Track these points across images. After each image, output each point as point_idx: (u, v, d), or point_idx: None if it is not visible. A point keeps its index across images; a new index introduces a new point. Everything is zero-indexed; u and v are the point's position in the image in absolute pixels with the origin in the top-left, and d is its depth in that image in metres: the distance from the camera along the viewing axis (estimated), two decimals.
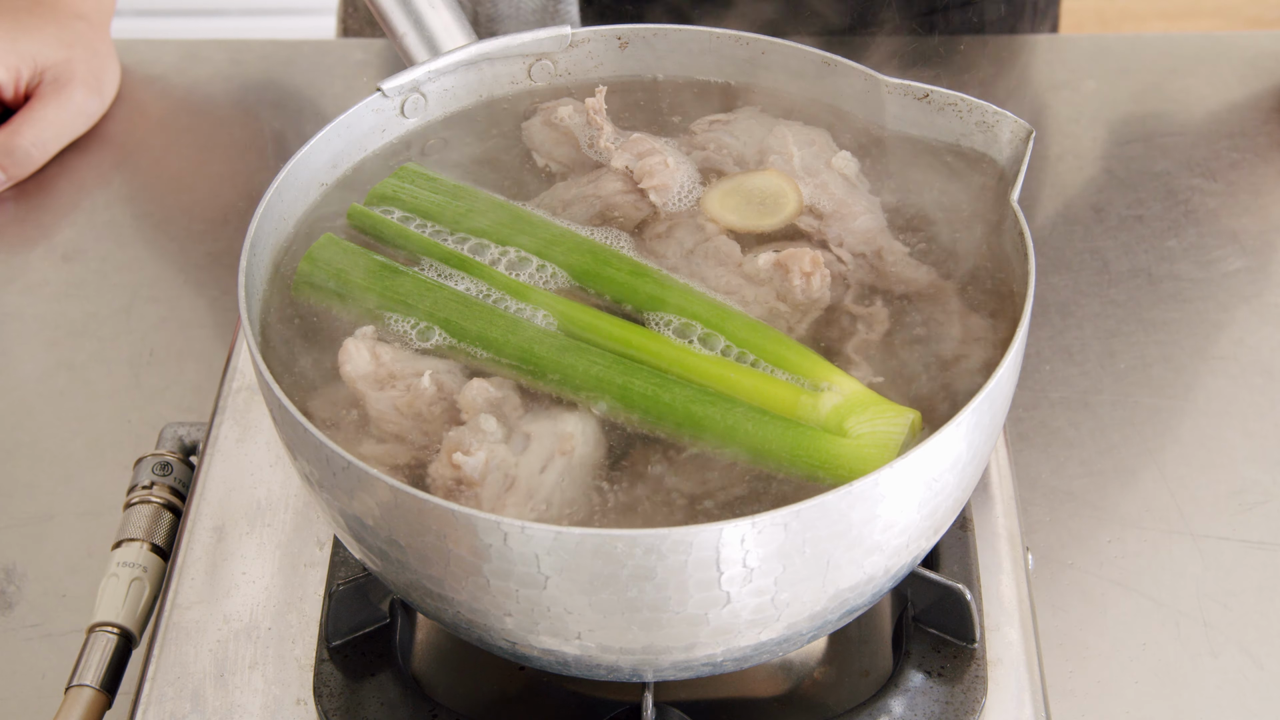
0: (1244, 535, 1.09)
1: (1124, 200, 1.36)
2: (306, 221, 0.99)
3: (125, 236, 1.37)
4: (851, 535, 0.78)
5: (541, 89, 1.08)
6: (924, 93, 0.98)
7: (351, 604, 0.94)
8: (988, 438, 0.84)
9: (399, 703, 0.91)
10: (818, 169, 0.99)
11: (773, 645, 0.83)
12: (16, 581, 1.09)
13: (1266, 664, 1.02)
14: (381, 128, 1.03)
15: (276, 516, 1.02)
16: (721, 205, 0.97)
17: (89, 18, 1.48)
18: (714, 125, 1.03)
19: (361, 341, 0.89)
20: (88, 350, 1.27)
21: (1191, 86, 1.47)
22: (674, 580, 0.76)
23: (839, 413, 0.85)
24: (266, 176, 0.97)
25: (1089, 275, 1.29)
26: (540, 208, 0.99)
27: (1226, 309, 1.26)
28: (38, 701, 1.02)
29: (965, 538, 0.99)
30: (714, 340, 0.90)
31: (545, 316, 0.91)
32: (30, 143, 1.41)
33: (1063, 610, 1.05)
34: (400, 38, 1.05)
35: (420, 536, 0.78)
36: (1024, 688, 0.93)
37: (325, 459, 0.80)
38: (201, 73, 1.54)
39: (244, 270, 0.88)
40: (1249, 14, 3.19)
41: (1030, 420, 1.17)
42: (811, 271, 0.91)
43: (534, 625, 0.80)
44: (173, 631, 0.97)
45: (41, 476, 1.17)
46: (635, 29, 1.06)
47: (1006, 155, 0.95)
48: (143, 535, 1.03)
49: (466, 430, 0.84)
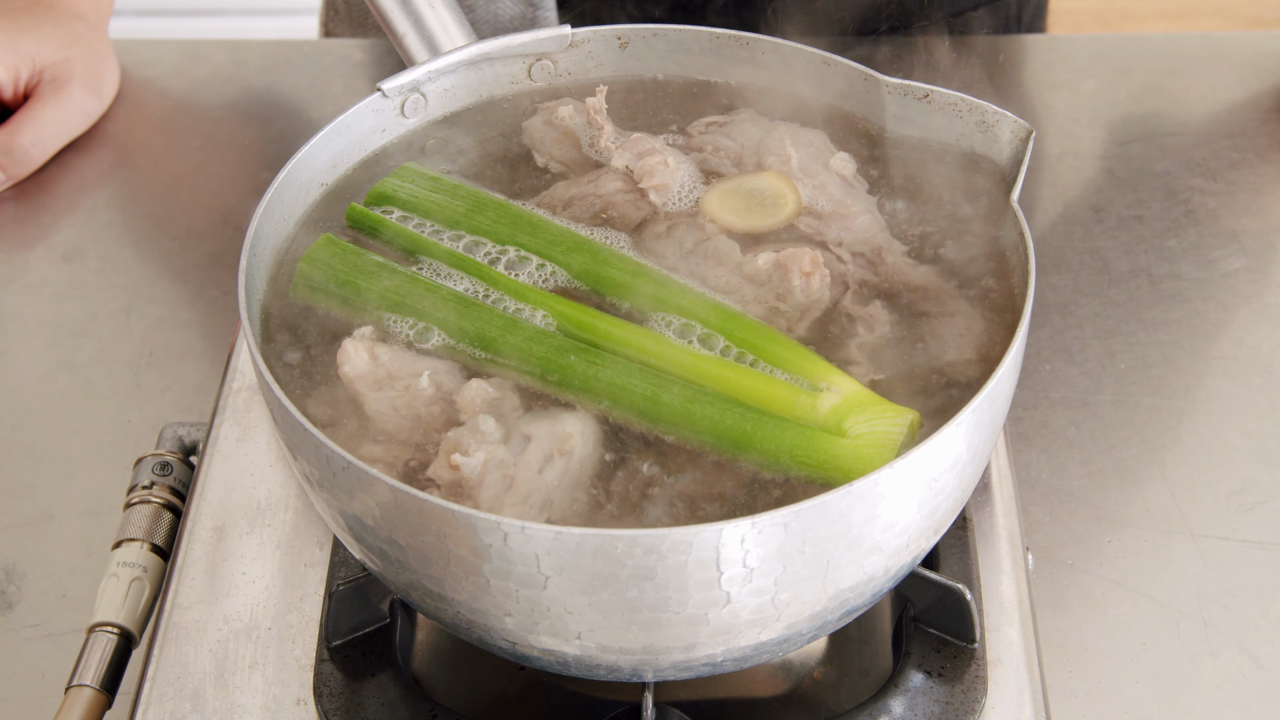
0: (1244, 535, 1.09)
1: (1124, 200, 1.36)
2: (306, 221, 0.99)
3: (125, 236, 1.37)
4: (851, 535, 0.78)
5: (541, 89, 1.08)
6: (924, 93, 0.98)
7: (351, 604, 0.94)
8: (988, 438, 0.84)
9: (399, 703, 0.91)
10: (816, 170, 0.99)
11: (773, 645, 0.83)
12: (16, 581, 1.09)
13: (1266, 664, 1.02)
14: (381, 128, 1.03)
15: (276, 516, 1.02)
16: (721, 206, 0.97)
17: (87, 17, 1.48)
18: (711, 127, 1.03)
19: (360, 342, 0.89)
20: (88, 350, 1.27)
21: (1191, 86, 1.47)
22: (674, 580, 0.76)
23: (838, 413, 0.85)
24: (266, 176, 0.97)
25: (1089, 275, 1.29)
26: (540, 207, 0.99)
27: (1226, 309, 1.26)
28: (38, 701, 1.02)
29: (965, 538, 0.99)
30: (713, 340, 0.89)
31: (544, 317, 0.91)
32: (30, 142, 1.41)
33: (1063, 610, 1.05)
34: (400, 38, 1.05)
35: (420, 536, 0.78)
36: (1024, 688, 0.93)
37: (325, 459, 0.80)
38: (201, 73, 1.54)
39: (244, 270, 0.88)
40: (1249, 14, 3.19)
41: (1030, 420, 1.17)
42: (811, 271, 0.91)
43: (534, 625, 0.80)
44: (173, 631, 0.97)
45: (41, 476, 1.17)
46: (635, 29, 1.06)
47: (1006, 155, 0.95)
48: (143, 535, 1.03)
49: (465, 431, 0.84)
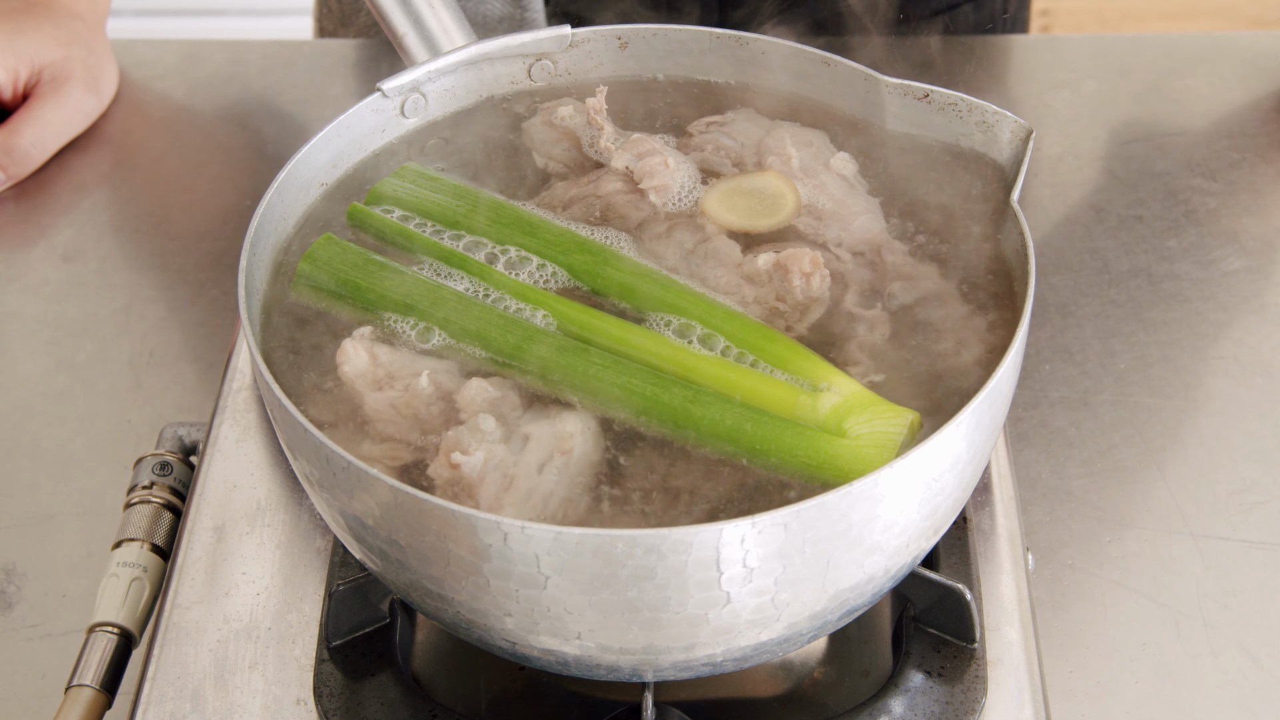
0: (1244, 535, 1.09)
1: (1124, 200, 1.36)
2: (306, 221, 0.99)
3: (125, 236, 1.37)
4: (851, 535, 0.78)
5: (541, 89, 1.08)
6: (924, 93, 0.98)
7: (351, 604, 0.94)
8: (988, 438, 0.84)
9: (399, 703, 0.91)
10: (816, 170, 0.99)
11: (773, 645, 0.83)
12: (16, 581, 1.09)
13: (1266, 664, 1.02)
14: (381, 128, 1.03)
15: (276, 516, 1.02)
16: (721, 206, 0.97)
17: (84, 17, 1.48)
18: (711, 127, 1.03)
19: (360, 342, 0.89)
20: (88, 350, 1.27)
21: (1191, 86, 1.47)
22: (674, 580, 0.76)
23: (838, 413, 0.85)
24: (266, 176, 0.97)
25: (1089, 275, 1.29)
26: (540, 207, 0.99)
27: (1226, 309, 1.26)
28: (38, 701, 1.02)
29: (965, 538, 0.99)
30: (713, 340, 0.89)
31: (545, 316, 0.91)
32: (30, 142, 1.41)
33: (1063, 610, 1.05)
34: (400, 38, 1.05)
35: (420, 536, 0.78)
36: (1024, 688, 0.93)
37: (325, 459, 0.80)
38: (201, 73, 1.54)
39: (244, 270, 0.88)
40: (1249, 14, 3.19)
41: (1030, 420, 1.17)
42: (811, 271, 0.91)
43: (534, 625, 0.80)
44: (173, 631, 0.97)
45: (41, 476, 1.17)
46: (635, 29, 1.06)
47: (1006, 155, 0.95)
48: (143, 535, 1.03)
49: (465, 430, 0.84)
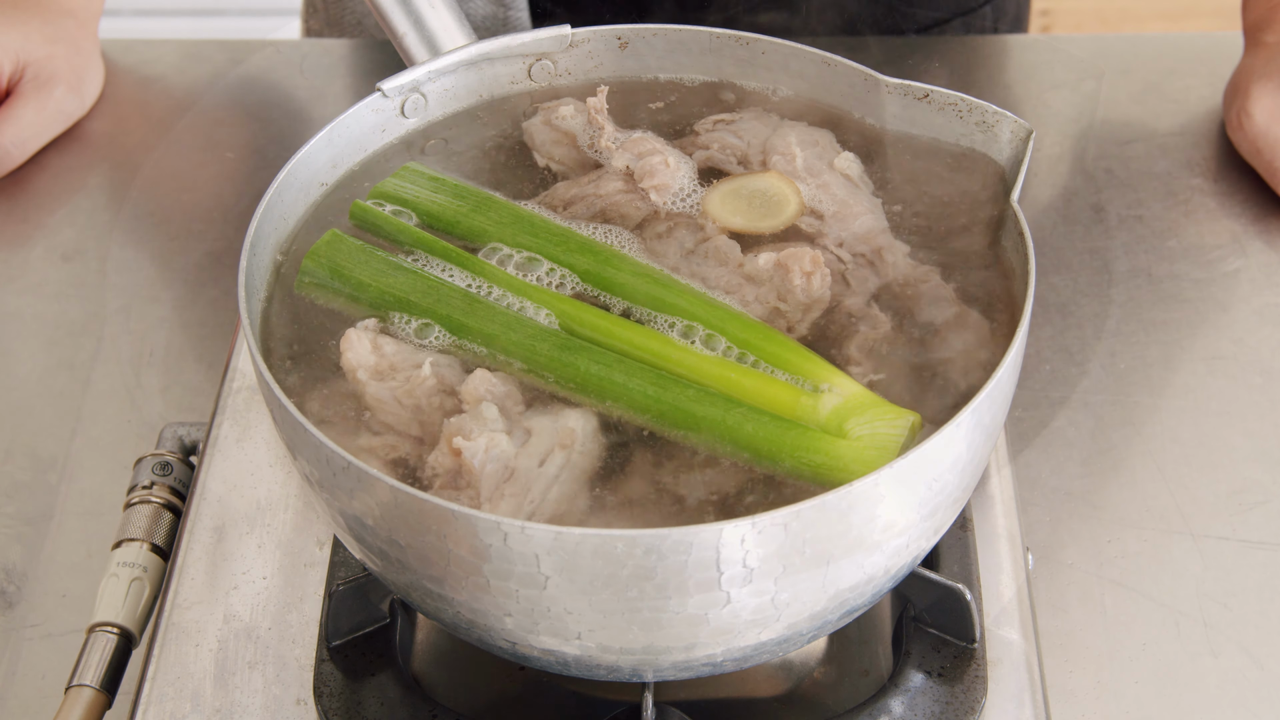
0: (1244, 535, 1.09)
1: (1124, 200, 1.36)
2: (306, 221, 0.99)
3: (125, 236, 1.37)
4: (851, 535, 0.78)
5: (541, 89, 1.08)
6: (924, 93, 0.98)
7: (351, 604, 0.94)
8: (988, 438, 0.84)
9: (399, 703, 0.91)
10: (820, 169, 0.99)
11: (773, 645, 0.83)
12: (16, 581, 1.09)
13: (1266, 664, 1.02)
14: (381, 128, 1.03)
15: (276, 516, 1.02)
16: (722, 206, 0.97)
17: (77, 15, 1.47)
18: (718, 125, 1.03)
19: (363, 332, 0.89)
20: (88, 350, 1.27)
21: (1191, 86, 1.47)
22: (674, 580, 0.76)
23: (839, 414, 0.85)
24: (266, 176, 0.97)
25: (1089, 275, 1.29)
26: (541, 207, 0.99)
27: (1226, 309, 1.26)
28: (38, 701, 1.02)
29: (965, 538, 0.99)
30: (714, 340, 0.89)
31: (547, 315, 0.91)
32: (10, 142, 1.41)
33: (1063, 610, 1.05)
34: (400, 38, 1.05)
35: (420, 536, 0.78)
36: (1024, 688, 0.93)
37: (325, 459, 0.80)
38: (201, 73, 1.54)
39: (244, 270, 0.88)
40: None
41: (1030, 420, 1.17)
42: (812, 271, 0.91)
43: (534, 625, 0.80)
44: (173, 631, 0.97)
45: (41, 476, 1.17)
46: (635, 29, 1.06)
47: (1006, 155, 0.95)
48: (143, 535, 1.03)
49: (468, 417, 0.84)
